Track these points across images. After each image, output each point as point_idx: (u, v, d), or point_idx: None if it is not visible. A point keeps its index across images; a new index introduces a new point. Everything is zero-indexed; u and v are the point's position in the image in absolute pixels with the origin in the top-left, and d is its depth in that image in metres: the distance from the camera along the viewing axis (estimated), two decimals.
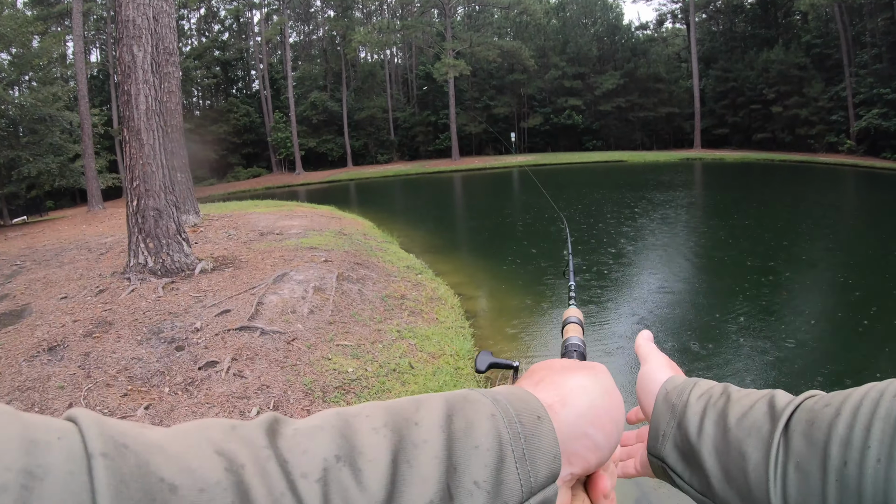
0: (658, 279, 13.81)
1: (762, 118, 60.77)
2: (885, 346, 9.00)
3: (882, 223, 20.68)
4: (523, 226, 22.43)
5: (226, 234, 14.34)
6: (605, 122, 67.16)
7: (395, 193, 38.20)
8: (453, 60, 55.72)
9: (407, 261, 13.58)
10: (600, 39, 71.18)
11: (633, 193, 29.77)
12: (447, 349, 8.45)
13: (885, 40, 53.16)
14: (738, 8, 70.75)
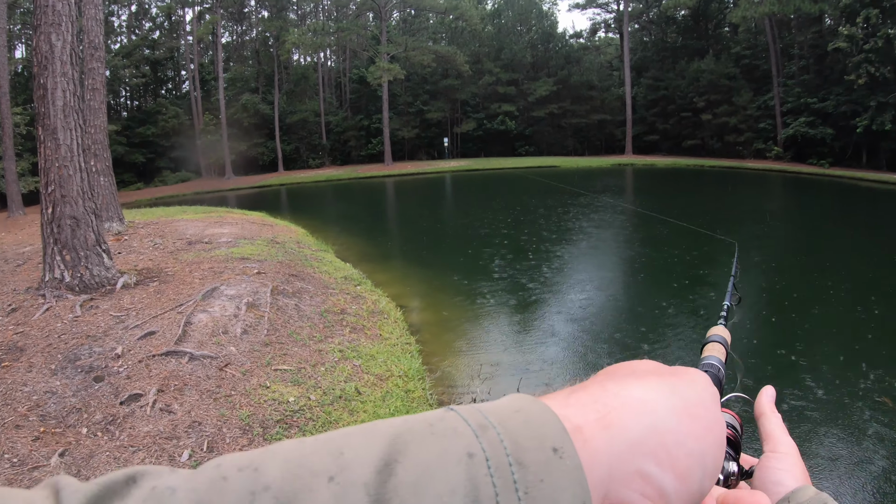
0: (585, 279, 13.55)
1: (692, 125, 62.13)
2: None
3: (812, 221, 21.04)
4: (457, 231, 22.12)
5: (151, 244, 13.41)
6: (538, 128, 67.44)
7: (328, 199, 37.47)
8: (388, 64, 55.12)
9: (344, 271, 12.98)
10: (535, 46, 71.56)
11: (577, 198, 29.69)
12: (395, 369, 7.95)
13: (813, 53, 55.29)
14: (670, 19, 72.21)
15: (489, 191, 36.35)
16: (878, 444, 6.76)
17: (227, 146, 55.91)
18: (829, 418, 7.42)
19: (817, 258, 16.30)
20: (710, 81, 59.20)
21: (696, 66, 61.17)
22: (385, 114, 57.87)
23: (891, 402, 8.12)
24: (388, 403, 6.86)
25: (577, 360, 9.43)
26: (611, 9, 76.23)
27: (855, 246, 18.25)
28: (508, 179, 43.44)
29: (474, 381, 8.44)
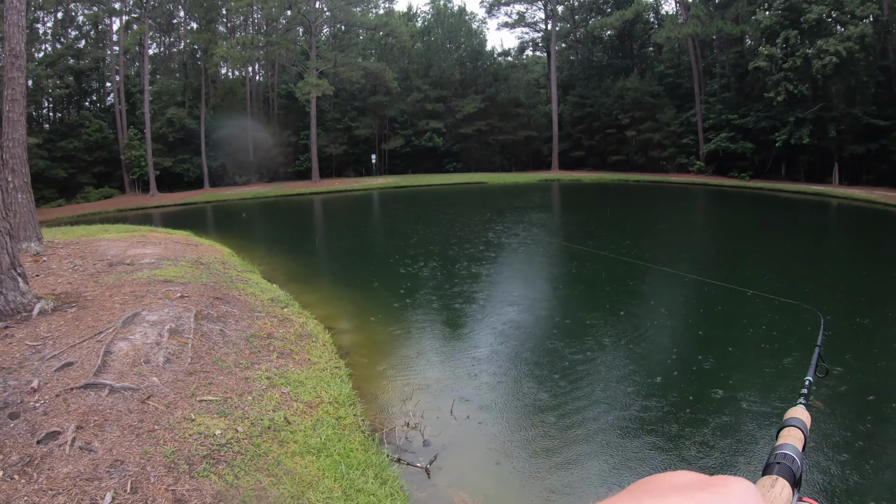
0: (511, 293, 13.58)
1: (617, 141, 63.70)
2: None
3: (728, 229, 21.46)
4: (386, 249, 22.03)
5: (71, 265, 12.92)
6: (466, 145, 67.89)
7: (255, 217, 36.95)
8: (316, 80, 54.70)
9: (271, 292, 12.73)
10: (463, 64, 72.00)
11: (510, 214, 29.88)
12: (325, 395, 7.81)
13: (734, 71, 57.48)
14: (596, 39, 73.94)
15: (417, 208, 36.45)
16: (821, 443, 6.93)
17: (151, 161, 54.56)
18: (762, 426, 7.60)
19: (746, 262, 16.67)
20: (635, 99, 60.67)
21: (621, 84, 62.71)
22: (313, 130, 57.50)
23: (822, 405, 8.38)
24: (319, 432, 6.73)
25: (507, 381, 9.45)
26: (539, 28, 77.37)
27: (778, 249, 18.76)
28: (436, 196, 43.60)
29: (406, 404, 8.39)
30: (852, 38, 45.47)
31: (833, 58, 45.04)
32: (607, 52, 74.61)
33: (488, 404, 8.64)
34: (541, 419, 8.21)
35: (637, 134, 60.68)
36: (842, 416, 8.06)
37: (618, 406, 8.48)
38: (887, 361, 9.96)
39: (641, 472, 6.79)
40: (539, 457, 7.28)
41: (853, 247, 23.23)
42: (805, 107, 49.26)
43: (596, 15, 72.11)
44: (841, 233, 28.83)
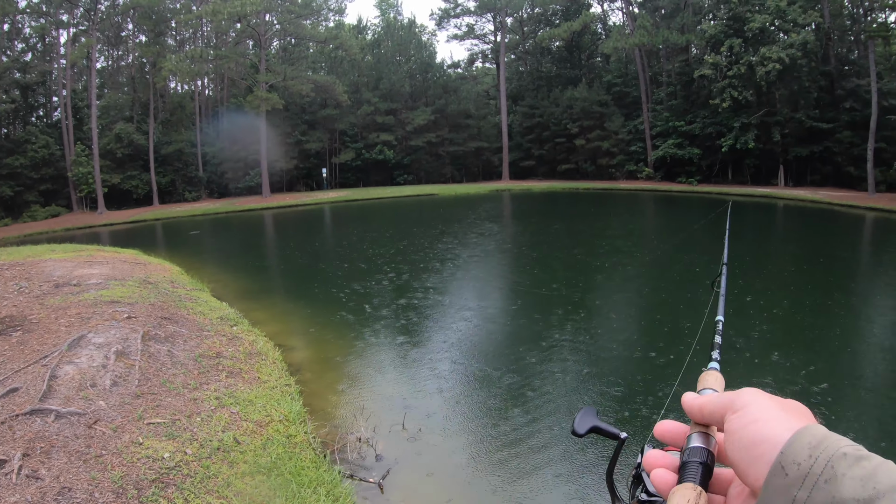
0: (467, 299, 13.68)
1: (566, 150, 64.66)
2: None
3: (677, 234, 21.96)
4: (337, 264, 21.96)
5: (16, 287, 12.72)
6: (416, 157, 67.99)
7: (205, 234, 36.48)
8: (266, 94, 54.23)
9: (220, 311, 12.64)
10: (413, 76, 72.14)
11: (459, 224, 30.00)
12: (275, 414, 7.77)
13: (680, 80, 58.75)
14: (545, 50, 74.70)
15: (369, 221, 36.43)
16: None
17: (99, 178, 53.49)
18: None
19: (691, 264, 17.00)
20: (583, 108, 61.57)
21: (569, 93, 63.54)
22: (263, 144, 56.77)
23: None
24: (270, 451, 6.70)
25: (460, 392, 9.51)
26: (488, 40, 77.83)
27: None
28: (388, 209, 43.63)
29: (358, 419, 8.35)
30: (795, 46, 46.69)
31: (776, 64, 46.22)
32: (556, 62, 75.41)
33: (441, 416, 8.67)
34: (494, 429, 8.28)
35: (586, 143, 61.63)
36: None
37: (574, 413, 8.58)
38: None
39: (599, 479, 6.90)
40: (494, 467, 7.33)
41: (792, 241, 23.85)
42: (750, 112, 50.59)
43: (544, 26, 72.84)
44: (784, 231, 29.67)
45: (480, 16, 75.33)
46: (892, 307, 14.65)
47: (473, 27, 76.88)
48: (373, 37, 76.94)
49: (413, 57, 73.42)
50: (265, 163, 57.36)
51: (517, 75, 77.67)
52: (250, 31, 60.15)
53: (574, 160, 64.47)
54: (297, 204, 50.90)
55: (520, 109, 69.18)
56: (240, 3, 52.46)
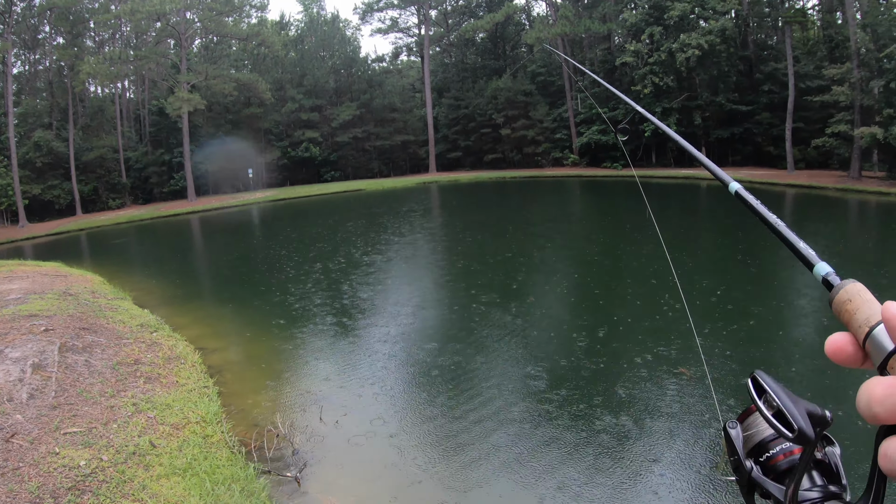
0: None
1: (492, 140, 65.28)
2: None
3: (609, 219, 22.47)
4: (264, 265, 21.94)
5: None
6: (343, 153, 67.64)
7: (130, 241, 35.88)
8: (188, 94, 53.16)
9: (141, 318, 12.75)
10: (337, 72, 71.81)
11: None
12: (192, 416, 7.97)
13: (603, 67, 60.12)
14: (469, 42, 75.14)
15: (296, 221, 36.32)
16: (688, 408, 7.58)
17: (19, 190, 51.54)
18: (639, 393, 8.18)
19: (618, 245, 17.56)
20: (508, 98, 62.28)
21: (494, 84, 64.17)
22: (186, 147, 55.76)
23: (688, 371, 9.14)
24: (185, 452, 6.87)
25: (377, 385, 9.69)
26: (412, 33, 77.91)
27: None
28: (315, 207, 43.53)
29: (276, 415, 8.47)
30: (713, 32, 48.17)
31: (696, 51, 47.67)
32: (480, 54, 76.00)
33: (358, 409, 8.87)
34: (410, 420, 8.53)
35: (512, 132, 62.36)
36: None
37: (490, 403, 8.88)
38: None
39: (512, 466, 7.24)
40: (409, 455, 7.55)
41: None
42: (671, 97, 52.14)
43: (469, 18, 73.24)
44: (709, 210, 30.66)
45: (404, 9, 75.34)
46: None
47: (397, 20, 76.89)
48: (296, 32, 76.08)
49: (337, 52, 72.98)
50: (189, 165, 56.24)
51: (442, 68, 78.06)
52: (170, 30, 58.75)
53: (500, 150, 65.14)
54: (223, 206, 50.12)
55: (445, 101, 69.57)
56: (159, 2, 51.47)
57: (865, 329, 0.72)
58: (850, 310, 0.75)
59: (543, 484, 6.78)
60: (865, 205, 32.09)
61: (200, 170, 59.61)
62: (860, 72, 39.02)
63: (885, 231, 24.33)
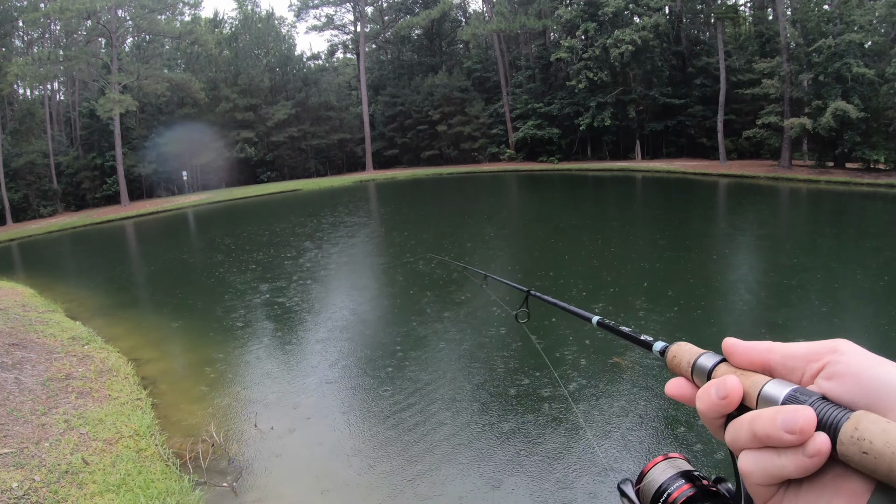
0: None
1: (429, 137, 65.87)
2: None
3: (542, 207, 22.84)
4: (200, 271, 21.75)
5: None
6: (279, 153, 67.04)
7: (63, 251, 34.88)
8: (119, 95, 51.72)
9: (72, 331, 12.59)
10: (272, 70, 71.13)
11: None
12: (125, 430, 7.92)
13: (538, 63, 61.01)
14: (405, 38, 75.33)
15: (232, 223, 35.95)
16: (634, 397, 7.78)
17: None
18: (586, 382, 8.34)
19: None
20: (444, 95, 62.77)
21: (430, 81, 64.59)
22: (118, 150, 54.09)
23: (622, 361, 9.42)
24: (119, 468, 6.83)
25: (316, 390, 9.72)
26: (348, 30, 77.81)
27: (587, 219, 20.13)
28: (252, 208, 43.19)
29: (211, 425, 8.46)
30: (647, 28, 49.16)
31: (629, 46, 48.72)
32: (416, 51, 76.20)
33: (294, 415, 8.90)
34: (347, 424, 8.58)
35: (448, 128, 62.85)
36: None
37: (434, 403, 9.00)
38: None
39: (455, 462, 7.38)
40: (346, 459, 7.62)
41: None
42: (606, 92, 53.26)
43: (404, 15, 73.33)
44: (645, 199, 31.37)
45: (340, 5, 75.09)
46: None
47: (333, 17, 76.64)
48: (230, 30, 74.83)
49: (272, 50, 72.31)
50: (121, 168, 54.67)
51: (378, 65, 78.09)
52: (101, 29, 56.88)
53: (437, 146, 65.64)
54: (158, 210, 48.89)
55: (381, 99, 69.68)
56: (89, 0, 50.42)
57: (689, 367, 0.78)
58: (677, 362, 0.81)
59: (475, 475, 6.99)
60: (797, 192, 33.60)
61: (134, 173, 58.41)
62: (790, 65, 40.52)
63: (817, 215, 25.69)
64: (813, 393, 0.63)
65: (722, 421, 0.70)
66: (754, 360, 0.72)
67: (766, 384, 0.67)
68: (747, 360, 0.73)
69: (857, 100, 36.10)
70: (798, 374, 0.68)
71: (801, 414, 0.59)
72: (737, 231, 22.91)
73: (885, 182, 33.44)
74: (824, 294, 12.98)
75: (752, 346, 0.73)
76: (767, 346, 0.72)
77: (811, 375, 0.65)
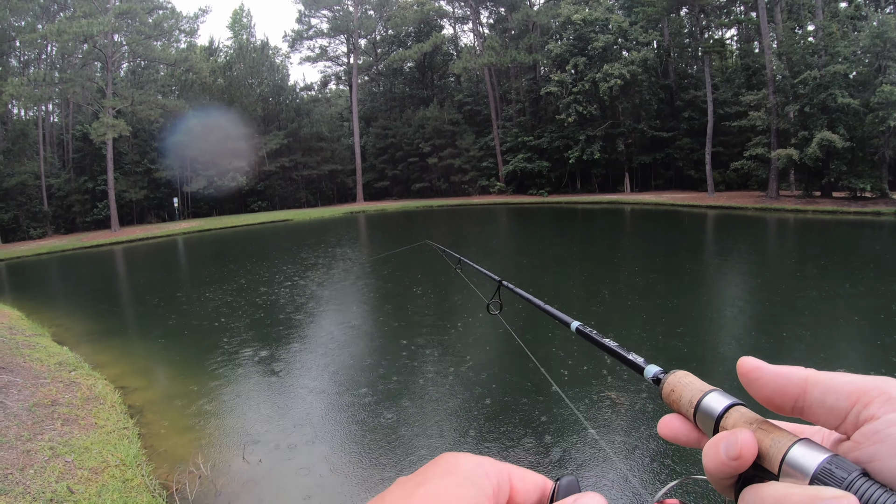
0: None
1: (420, 169, 66.69)
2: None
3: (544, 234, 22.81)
4: (189, 299, 21.62)
5: None
6: (270, 183, 67.50)
7: (52, 274, 34.64)
8: (113, 120, 52.03)
9: (59, 356, 12.48)
10: (265, 100, 71.69)
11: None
12: (111, 459, 7.82)
13: (528, 97, 61.80)
14: (397, 71, 76.08)
15: (222, 252, 35.90)
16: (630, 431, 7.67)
17: None
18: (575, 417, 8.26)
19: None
20: (435, 128, 63.51)
21: (421, 113, 65.39)
22: (110, 174, 54.45)
23: (614, 395, 9.39)
24: (105, 498, 6.73)
25: (302, 421, 9.56)
26: (341, 62, 78.60)
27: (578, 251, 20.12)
28: (242, 238, 43.10)
29: (199, 456, 8.37)
30: (636, 62, 49.93)
31: (618, 80, 49.43)
32: (408, 83, 77.11)
33: (284, 446, 8.82)
34: (337, 457, 8.48)
35: (439, 161, 63.60)
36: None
37: (422, 437, 8.97)
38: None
39: None
40: (335, 496, 7.53)
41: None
42: (595, 125, 54.00)
43: (397, 48, 74.13)
44: (633, 231, 31.53)
45: (334, 37, 75.93)
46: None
47: (327, 49, 77.49)
48: (225, 59, 75.63)
49: (266, 80, 72.87)
50: (112, 193, 54.82)
51: (370, 97, 78.86)
52: (97, 53, 57.48)
53: (428, 178, 66.28)
54: (147, 237, 48.88)
55: (373, 131, 70.42)
56: (87, 23, 50.40)
57: (692, 407, 0.67)
58: (675, 397, 0.72)
59: None
60: (784, 222, 33.94)
61: (125, 198, 58.45)
62: (776, 97, 41.31)
63: (805, 245, 25.93)
64: (852, 466, 0.52)
65: (732, 481, 0.59)
66: (786, 391, 0.59)
67: (792, 446, 0.56)
68: (776, 392, 0.60)
69: (842, 130, 36.88)
70: (838, 417, 0.56)
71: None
72: (725, 261, 23.09)
73: (872, 210, 34.21)
74: (814, 322, 13.05)
75: (782, 373, 0.60)
76: (804, 375, 0.59)
77: (853, 424, 0.54)
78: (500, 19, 68.90)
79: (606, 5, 58.01)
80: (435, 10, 72.81)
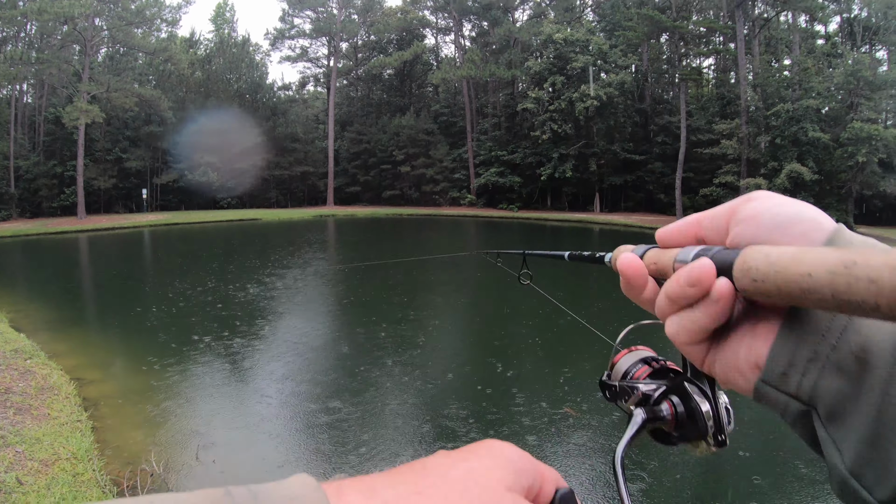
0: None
1: (392, 177, 66.94)
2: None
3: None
4: (153, 292, 21.45)
5: None
6: (241, 180, 66.49)
7: (13, 259, 33.96)
8: (87, 105, 51.07)
9: (15, 343, 12.34)
10: (242, 96, 71.29)
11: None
12: (62, 451, 7.72)
13: (505, 112, 62.39)
14: (376, 77, 76.30)
15: (190, 247, 35.61)
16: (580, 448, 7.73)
17: None
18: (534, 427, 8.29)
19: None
20: (410, 136, 63.77)
21: (397, 121, 65.54)
22: (80, 160, 53.73)
23: (573, 411, 9.45)
24: (54, 491, 6.67)
25: (257, 419, 9.53)
26: (321, 64, 78.59)
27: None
28: (210, 234, 42.80)
29: (152, 453, 8.20)
30: (612, 85, 50.41)
31: (594, 101, 49.77)
32: (386, 90, 77.32)
33: (238, 447, 8.80)
34: (294, 456, 8.44)
35: (411, 170, 63.87)
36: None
37: (380, 442, 8.96)
38: None
39: None
40: None
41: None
42: (569, 144, 54.49)
43: (378, 54, 74.20)
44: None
45: (315, 39, 75.95)
46: None
47: (307, 50, 77.49)
48: (205, 52, 75.09)
49: (244, 76, 72.53)
50: (81, 180, 54.08)
51: (347, 101, 78.78)
52: (76, 36, 56.69)
53: (399, 186, 66.41)
54: (114, 227, 48.17)
55: (348, 135, 70.39)
56: (68, 4, 49.47)
57: (670, 260, 0.70)
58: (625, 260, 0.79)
59: None
60: None
61: (93, 186, 57.62)
62: (748, 127, 42.13)
63: None
64: (716, 247, 0.63)
65: (678, 308, 0.66)
66: (687, 234, 0.71)
67: (678, 252, 0.67)
68: (681, 237, 0.72)
69: (811, 162, 37.63)
70: (723, 233, 0.67)
71: (699, 265, 0.59)
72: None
73: None
74: None
75: (680, 224, 0.72)
76: (695, 217, 0.72)
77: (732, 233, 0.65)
78: (482, 33, 69.20)
79: (588, 27, 58.58)
80: (418, 20, 72.93)
